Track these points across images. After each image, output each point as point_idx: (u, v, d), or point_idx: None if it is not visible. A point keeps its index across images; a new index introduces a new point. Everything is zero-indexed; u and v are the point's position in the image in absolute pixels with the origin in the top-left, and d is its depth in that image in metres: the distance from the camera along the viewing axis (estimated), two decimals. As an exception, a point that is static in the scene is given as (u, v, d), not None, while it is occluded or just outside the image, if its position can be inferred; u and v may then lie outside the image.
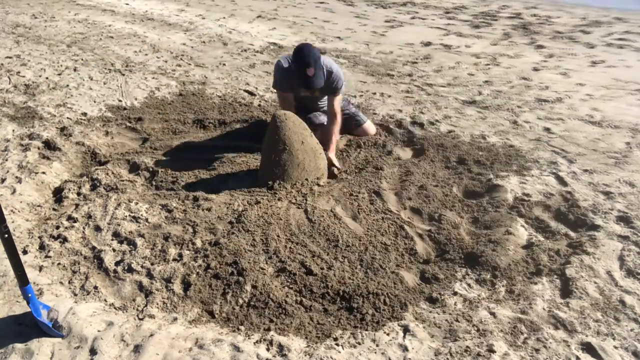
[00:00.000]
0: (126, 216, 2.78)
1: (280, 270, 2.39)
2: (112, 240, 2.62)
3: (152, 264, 2.42)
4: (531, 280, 2.33)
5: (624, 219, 2.77)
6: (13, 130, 3.88)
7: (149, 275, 2.35)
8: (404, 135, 3.94)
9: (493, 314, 2.11)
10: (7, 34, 7.28)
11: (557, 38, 7.10)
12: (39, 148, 3.56)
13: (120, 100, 4.65)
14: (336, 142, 3.57)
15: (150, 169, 3.33)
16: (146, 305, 2.17)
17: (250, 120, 4.17)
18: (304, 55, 3.24)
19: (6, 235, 1.78)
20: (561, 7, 9.50)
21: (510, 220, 2.76)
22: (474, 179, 3.24)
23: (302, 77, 3.29)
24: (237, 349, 1.91)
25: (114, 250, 2.53)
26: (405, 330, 2.02)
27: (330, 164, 3.38)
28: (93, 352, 1.88)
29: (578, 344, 1.96)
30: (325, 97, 3.70)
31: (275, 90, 3.82)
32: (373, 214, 2.86)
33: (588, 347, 1.94)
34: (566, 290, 2.26)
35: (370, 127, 3.96)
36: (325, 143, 3.44)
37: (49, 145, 3.61)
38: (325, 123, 3.69)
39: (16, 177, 3.15)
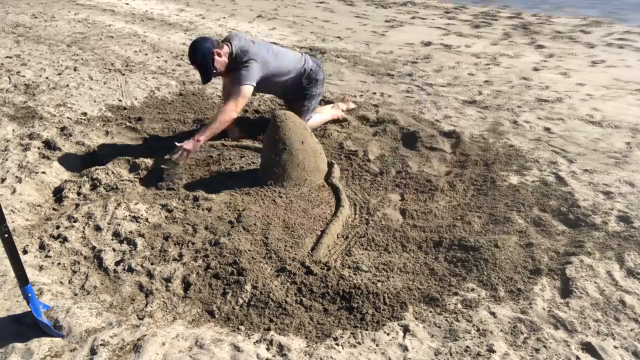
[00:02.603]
0: (126, 216, 2.78)
1: (280, 270, 2.39)
2: (112, 240, 2.62)
3: (152, 264, 2.42)
4: (531, 280, 2.33)
5: (624, 219, 2.77)
6: (13, 130, 3.88)
7: (149, 275, 2.35)
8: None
9: (493, 314, 2.11)
10: (7, 33, 7.28)
11: (557, 38, 7.10)
12: (39, 148, 3.56)
13: (120, 100, 4.65)
14: (208, 133, 3.27)
15: (150, 169, 3.33)
16: (146, 305, 2.17)
17: (250, 119, 4.17)
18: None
19: (6, 235, 1.78)
20: (559, 6, 9.50)
21: (510, 220, 2.76)
22: (474, 179, 3.24)
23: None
24: (237, 348, 1.91)
25: (114, 250, 2.53)
26: (405, 330, 2.02)
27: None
28: (93, 352, 1.88)
29: (578, 343, 1.96)
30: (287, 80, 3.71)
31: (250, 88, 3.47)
32: (373, 212, 2.86)
33: (588, 347, 1.94)
34: (566, 290, 2.26)
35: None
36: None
37: (49, 145, 3.61)
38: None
39: (16, 176, 3.15)
